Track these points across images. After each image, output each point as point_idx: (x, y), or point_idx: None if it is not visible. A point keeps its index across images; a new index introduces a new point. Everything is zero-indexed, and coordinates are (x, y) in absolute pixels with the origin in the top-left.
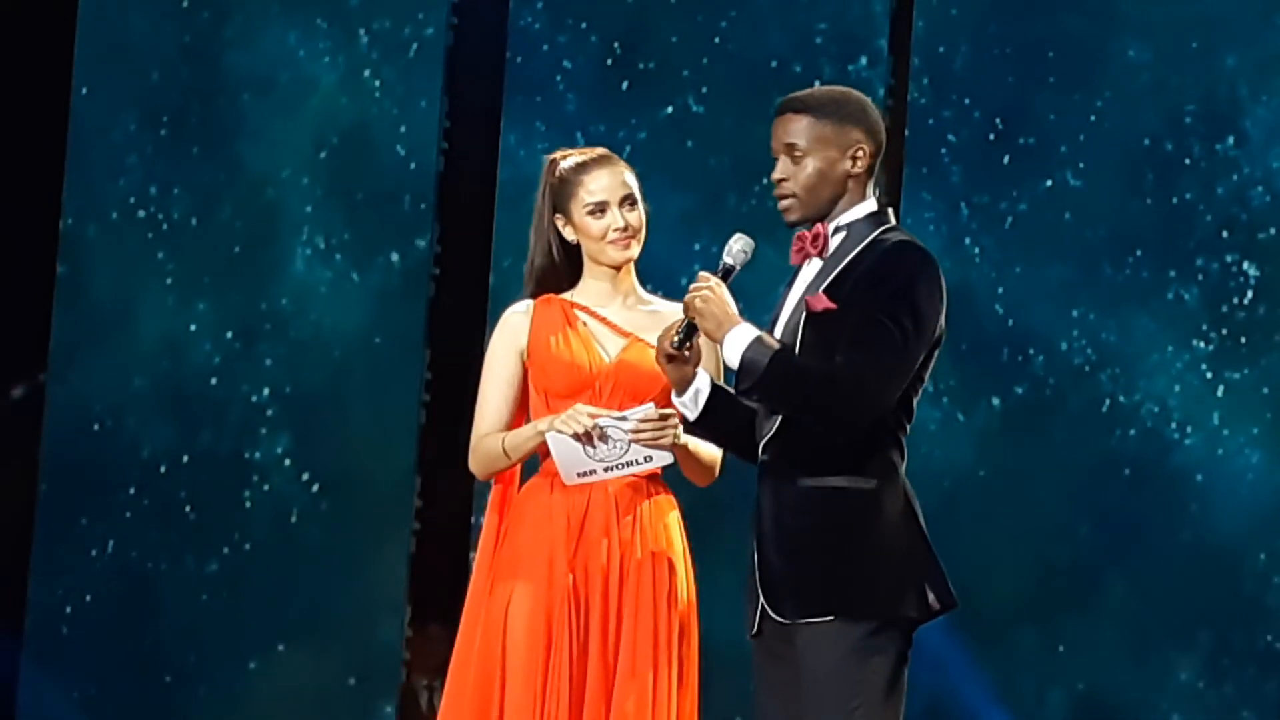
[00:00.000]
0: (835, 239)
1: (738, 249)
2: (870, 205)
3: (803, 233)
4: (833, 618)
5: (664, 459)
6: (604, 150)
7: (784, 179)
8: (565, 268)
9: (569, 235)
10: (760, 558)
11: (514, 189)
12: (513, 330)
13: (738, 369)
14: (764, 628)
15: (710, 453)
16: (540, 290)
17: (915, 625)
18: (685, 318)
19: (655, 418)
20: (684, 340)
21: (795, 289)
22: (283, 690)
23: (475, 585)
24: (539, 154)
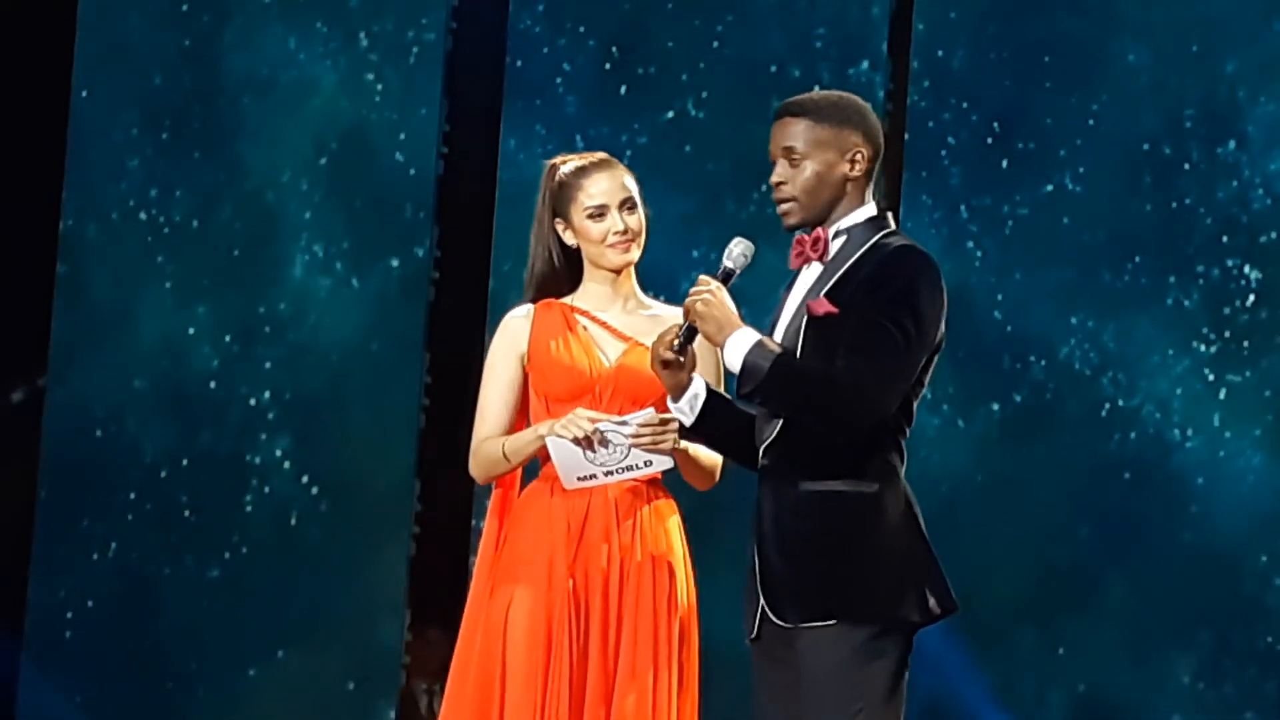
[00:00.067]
0: (835, 243)
1: (738, 253)
2: (870, 209)
3: (802, 236)
4: (834, 621)
5: (664, 463)
6: (604, 154)
7: (782, 183)
8: (565, 272)
9: (569, 240)
10: (761, 561)
11: (514, 192)
12: (513, 334)
13: (739, 373)
14: (764, 631)
15: (710, 457)
16: (540, 295)
17: (916, 629)
18: (686, 321)
19: (655, 422)
20: (684, 344)
21: (794, 293)
22: (282, 693)
23: (475, 589)
24: (539, 157)
